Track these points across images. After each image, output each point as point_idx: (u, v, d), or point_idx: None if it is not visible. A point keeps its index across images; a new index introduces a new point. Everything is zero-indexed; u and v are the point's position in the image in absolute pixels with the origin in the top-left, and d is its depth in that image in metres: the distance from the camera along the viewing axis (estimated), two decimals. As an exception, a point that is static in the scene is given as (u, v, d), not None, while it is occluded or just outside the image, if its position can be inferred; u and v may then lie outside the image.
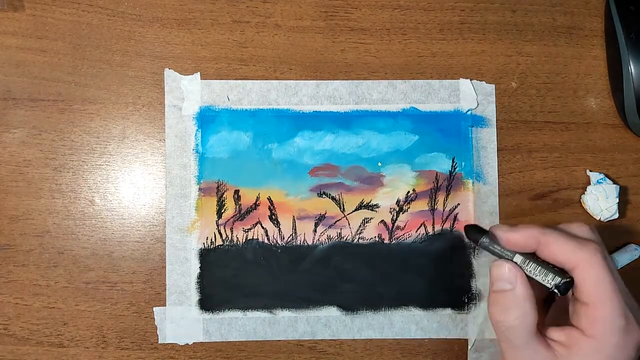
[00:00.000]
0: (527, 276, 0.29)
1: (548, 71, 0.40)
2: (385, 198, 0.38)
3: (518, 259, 0.29)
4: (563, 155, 0.39)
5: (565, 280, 0.28)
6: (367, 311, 0.38)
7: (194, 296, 0.37)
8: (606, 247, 0.38)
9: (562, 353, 0.28)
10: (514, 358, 0.29)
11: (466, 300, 0.38)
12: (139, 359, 0.37)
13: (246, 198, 0.38)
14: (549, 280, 0.29)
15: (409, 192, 0.38)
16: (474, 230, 0.31)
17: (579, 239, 0.29)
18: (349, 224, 0.38)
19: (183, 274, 0.37)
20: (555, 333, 0.29)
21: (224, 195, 0.38)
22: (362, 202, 0.38)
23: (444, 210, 0.38)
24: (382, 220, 0.38)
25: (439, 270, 0.38)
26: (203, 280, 0.37)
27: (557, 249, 0.29)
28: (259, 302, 0.37)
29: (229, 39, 0.39)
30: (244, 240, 0.38)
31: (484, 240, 0.30)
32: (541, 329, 0.29)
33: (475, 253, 0.38)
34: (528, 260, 0.29)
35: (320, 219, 0.38)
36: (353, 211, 0.38)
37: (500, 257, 0.30)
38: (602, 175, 0.38)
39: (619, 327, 0.27)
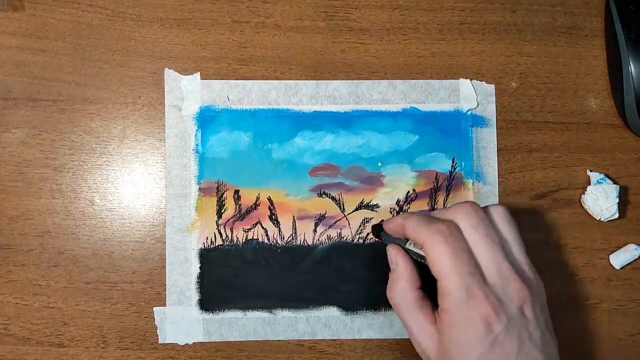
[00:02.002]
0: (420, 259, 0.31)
1: (548, 71, 0.40)
2: (385, 198, 0.38)
3: (410, 244, 0.32)
4: (563, 155, 0.39)
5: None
6: (367, 311, 0.38)
7: (194, 296, 0.37)
8: (606, 248, 0.39)
9: (438, 328, 0.30)
10: (409, 332, 0.31)
11: (466, 300, 0.38)
12: (139, 359, 0.37)
13: (246, 198, 0.38)
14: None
15: (409, 192, 0.38)
16: (377, 229, 0.34)
17: (430, 219, 0.30)
18: (349, 224, 0.38)
19: (183, 274, 0.37)
20: (437, 311, 0.30)
21: (224, 195, 0.38)
22: (362, 202, 0.38)
23: (444, 210, 0.38)
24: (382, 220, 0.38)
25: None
26: (203, 280, 0.37)
27: (411, 230, 0.31)
28: (259, 302, 0.37)
29: (229, 39, 0.39)
30: (244, 240, 0.38)
31: (384, 233, 0.34)
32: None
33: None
34: (415, 244, 0.32)
35: (320, 219, 0.38)
36: (353, 211, 0.38)
37: (396, 243, 0.33)
38: (602, 175, 0.38)
39: (459, 301, 0.28)
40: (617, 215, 0.38)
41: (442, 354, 0.29)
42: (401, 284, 0.32)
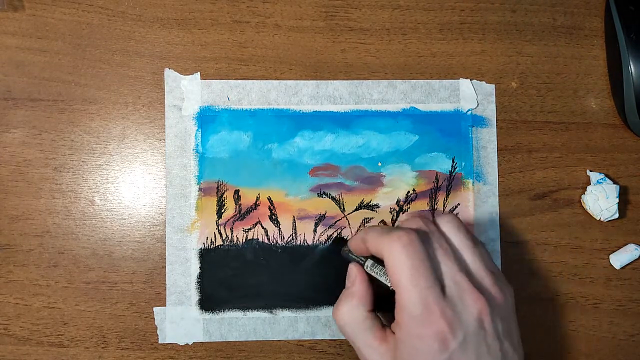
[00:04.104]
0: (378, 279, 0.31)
1: (548, 71, 0.40)
2: (385, 198, 0.38)
3: (369, 263, 0.32)
4: (563, 155, 0.39)
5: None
6: (367, 311, 0.38)
7: (194, 296, 0.37)
8: (606, 248, 0.39)
9: (391, 345, 0.29)
10: (357, 352, 0.30)
11: (466, 300, 0.38)
12: (139, 359, 0.37)
13: (246, 198, 0.38)
14: (388, 280, 0.30)
15: (409, 192, 0.38)
16: (340, 243, 0.35)
17: (389, 229, 0.29)
18: (349, 224, 0.38)
19: (183, 274, 0.37)
20: (392, 325, 0.29)
21: (224, 195, 0.38)
22: (362, 202, 0.38)
23: (444, 211, 0.38)
24: (382, 220, 0.38)
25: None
26: (203, 280, 0.37)
27: (371, 242, 0.30)
28: (259, 302, 0.37)
29: (229, 39, 0.39)
30: (244, 240, 0.38)
31: (344, 249, 0.34)
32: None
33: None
34: (376, 264, 0.31)
35: (320, 219, 0.38)
36: (353, 211, 0.38)
37: (357, 262, 0.33)
38: (602, 175, 0.38)
39: (415, 316, 0.27)
40: (617, 215, 0.38)
41: None
42: (351, 302, 0.31)
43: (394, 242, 0.28)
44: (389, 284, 0.30)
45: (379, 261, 0.32)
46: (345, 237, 0.37)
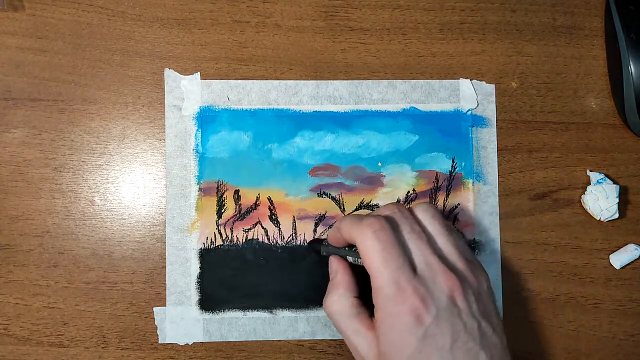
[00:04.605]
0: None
1: (548, 71, 0.40)
2: (386, 198, 0.38)
3: (350, 254, 0.33)
4: (563, 155, 0.39)
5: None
6: (367, 311, 0.38)
7: (194, 296, 0.37)
8: (606, 248, 0.39)
9: (377, 333, 0.29)
10: (346, 340, 0.31)
11: (466, 300, 0.38)
12: (139, 359, 0.37)
13: (246, 198, 0.38)
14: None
15: (409, 192, 0.38)
16: (316, 243, 0.35)
17: (362, 217, 0.30)
18: (349, 224, 0.38)
19: (183, 274, 0.37)
20: (374, 308, 0.30)
21: (224, 195, 0.38)
22: (362, 202, 0.38)
23: (444, 211, 0.38)
24: (358, 208, 0.38)
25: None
26: (203, 280, 0.37)
27: (344, 231, 0.31)
28: (259, 302, 0.37)
29: (229, 39, 0.39)
30: (244, 240, 0.38)
31: (324, 244, 0.35)
32: None
33: (475, 253, 0.38)
34: (357, 252, 0.32)
35: (320, 219, 0.38)
36: (353, 211, 0.38)
37: (340, 255, 0.34)
38: (602, 175, 0.38)
39: (389, 296, 0.28)
40: (617, 215, 0.38)
41: (381, 356, 0.29)
42: (337, 292, 0.32)
43: (365, 229, 0.29)
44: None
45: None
46: (320, 237, 0.38)
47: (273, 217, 0.38)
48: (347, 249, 0.33)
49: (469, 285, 0.29)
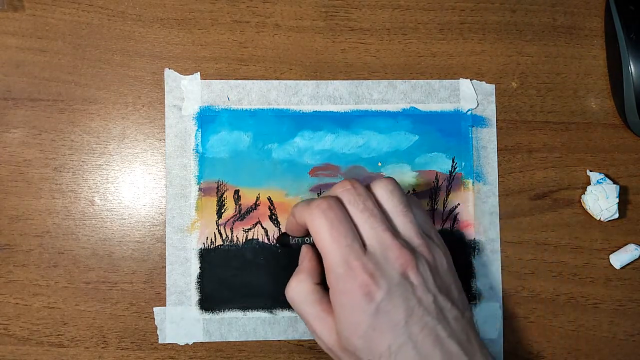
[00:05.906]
0: None
1: (548, 71, 0.40)
2: (385, 198, 0.38)
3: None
4: (563, 155, 0.39)
5: None
6: (367, 311, 0.38)
7: (194, 296, 0.37)
8: (606, 248, 0.39)
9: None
10: (308, 326, 0.31)
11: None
12: (139, 359, 0.37)
13: (246, 198, 0.38)
14: None
15: (409, 192, 0.38)
16: (284, 236, 0.35)
17: (312, 199, 0.30)
18: (349, 224, 0.38)
19: (183, 274, 0.37)
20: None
21: (224, 195, 0.38)
22: (362, 202, 0.38)
23: (444, 211, 0.38)
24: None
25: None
26: (203, 280, 0.37)
27: (297, 216, 0.30)
28: (259, 302, 0.37)
29: (229, 39, 0.39)
30: (244, 240, 0.38)
31: (291, 238, 0.34)
32: None
33: (475, 253, 0.38)
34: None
35: (320, 219, 0.38)
36: (353, 211, 0.38)
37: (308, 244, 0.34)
38: (602, 175, 0.38)
39: (339, 275, 0.28)
40: (617, 215, 0.38)
41: (339, 339, 0.29)
42: (298, 277, 0.31)
43: (314, 210, 0.29)
44: None
45: None
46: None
47: (273, 217, 0.38)
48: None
49: (425, 260, 0.29)
